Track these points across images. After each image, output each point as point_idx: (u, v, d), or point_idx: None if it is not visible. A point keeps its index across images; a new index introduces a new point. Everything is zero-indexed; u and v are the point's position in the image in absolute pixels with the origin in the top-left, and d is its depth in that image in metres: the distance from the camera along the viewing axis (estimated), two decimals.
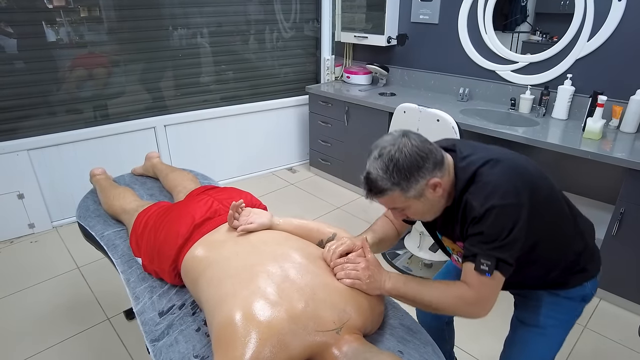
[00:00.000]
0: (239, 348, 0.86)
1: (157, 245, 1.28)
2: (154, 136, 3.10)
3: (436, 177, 0.95)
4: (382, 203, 1.00)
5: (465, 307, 0.96)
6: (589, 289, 1.14)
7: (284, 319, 0.91)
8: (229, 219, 1.24)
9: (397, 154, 0.93)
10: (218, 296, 1.00)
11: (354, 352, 0.90)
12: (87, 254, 2.55)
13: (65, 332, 1.98)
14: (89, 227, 1.63)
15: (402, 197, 0.96)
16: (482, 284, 0.95)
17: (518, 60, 2.70)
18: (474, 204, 0.94)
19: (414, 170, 0.93)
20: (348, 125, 3.22)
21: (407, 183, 0.93)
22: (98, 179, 1.83)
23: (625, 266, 2.07)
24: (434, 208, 1.01)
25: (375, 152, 0.96)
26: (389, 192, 0.95)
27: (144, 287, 1.27)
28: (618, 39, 2.28)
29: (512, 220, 0.92)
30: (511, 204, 0.92)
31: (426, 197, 0.97)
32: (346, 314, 0.97)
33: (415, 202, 0.97)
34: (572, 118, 2.52)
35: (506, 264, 0.94)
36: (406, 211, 1.01)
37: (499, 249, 0.93)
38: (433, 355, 1.02)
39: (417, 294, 1.01)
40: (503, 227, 0.92)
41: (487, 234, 0.93)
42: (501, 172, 0.96)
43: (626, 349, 1.91)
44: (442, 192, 0.98)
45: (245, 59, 3.39)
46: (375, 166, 0.95)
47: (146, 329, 1.11)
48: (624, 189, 1.96)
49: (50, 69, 2.61)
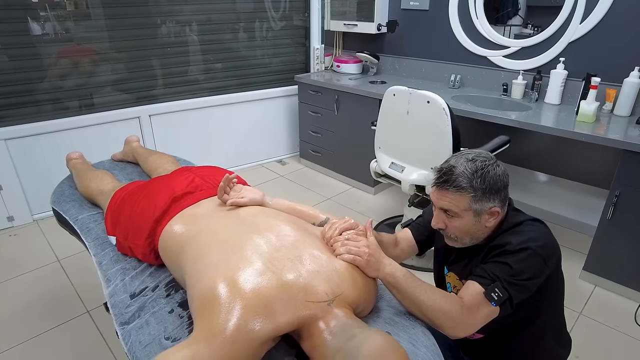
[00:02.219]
0: (221, 315, 0.80)
1: (133, 219, 1.22)
2: (138, 126, 3.01)
3: (499, 208, 0.99)
4: (443, 197, 1.00)
5: (451, 322, 0.94)
6: None
7: (274, 287, 0.85)
8: (219, 192, 1.17)
9: (490, 168, 0.97)
10: (201, 267, 0.94)
11: (342, 327, 0.85)
12: (68, 247, 2.46)
13: (42, 326, 1.89)
14: (63, 211, 1.55)
15: (466, 204, 0.97)
16: (480, 309, 0.94)
17: (510, 45, 2.65)
18: (512, 240, 0.97)
19: (493, 190, 0.97)
20: (338, 115, 3.15)
21: (482, 195, 0.97)
22: (74, 163, 1.75)
23: (620, 252, 2.02)
24: (475, 234, 1.03)
25: (469, 155, 1.00)
26: (463, 192, 0.97)
27: (117, 269, 1.19)
28: (611, 21, 2.23)
29: (536, 269, 0.95)
30: (542, 256, 0.95)
31: (480, 219, 0.99)
32: (339, 287, 0.92)
33: (468, 217, 0.99)
34: (565, 103, 2.47)
35: (511, 305, 0.95)
36: (452, 220, 1.01)
37: (516, 286, 0.94)
38: (423, 337, 0.95)
39: (413, 288, 0.99)
40: (528, 269, 0.94)
41: (513, 268, 0.94)
42: (545, 232, 1.01)
43: (622, 334, 1.86)
44: (493, 223, 1.01)
45: (233, 48, 3.31)
46: (465, 165, 0.98)
47: (116, 311, 1.04)
48: (619, 172, 1.92)
49: (31, 55, 2.52)
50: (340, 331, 0.84)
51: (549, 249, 0.97)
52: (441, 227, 1.04)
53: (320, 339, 0.84)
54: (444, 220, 1.03)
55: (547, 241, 0.98)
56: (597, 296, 2.10)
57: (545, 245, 0.96)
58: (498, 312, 0.94)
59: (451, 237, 1.05)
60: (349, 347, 0.79)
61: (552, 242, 0.99)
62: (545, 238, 0.98)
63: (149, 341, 0.94)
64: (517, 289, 0.93)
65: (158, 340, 0.94)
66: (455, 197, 0.98)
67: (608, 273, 2.11)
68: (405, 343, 0.90)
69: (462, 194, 0.97)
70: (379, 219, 2.80)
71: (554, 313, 1.10)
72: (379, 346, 0.77)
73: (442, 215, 1.03)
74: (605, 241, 2.05)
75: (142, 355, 0.92)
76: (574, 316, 1.96)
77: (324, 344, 0.83)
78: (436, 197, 1.02)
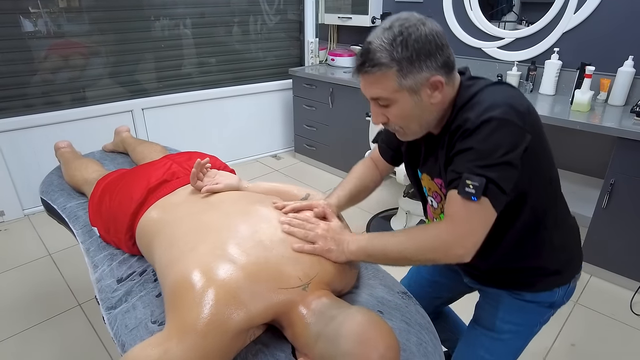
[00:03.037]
0: (191, 309, 0.76)
1: (112, 213, 1.18)
2: (131, 120, 2.97)
3: (441, 76, 0.80)
4: (368, 84, 0.83)
5: (444, 246, 0.80)
6: (559, 296, 0.98)
7: (241, 277, 0.81)
8: (192, 179, 1.12)
9: (411, 30, 0.78)
10: (170, 257, 0.90)
11: (321, 309, 0.81)
12: (59, 242, 2.43)
13: (34, 319, 1.86)
14: (51, 200, 1.52)
15: (394, 82, 0.80)
16: (465, 212, 0.78)
17: (504, 36, 2.64)
18: (470, 116, 0.78)
19: (422, 55, 0.78)
20: (333, 108, 3.13)
21: (408, 65, 0.78)
22: (63, 152, 1.72)
23: (615, 240, 2.01)
24: (422, 118, 0.85)
25: (386, 23, 0.81)
26: (384, 68, 0.79)
27: (104, 255, 1.17)
28: (604, 10, 2.22)
29: (512, 140, 0.76)
30: (513, 122, 0.76)
31: (420, 97, 0.81)
32: (313, 269, 0.87)
33: (405, 98, 0.81)
34: (559, 93, 2.46)
35: (498, 188, 0.76)
36: (390, 110, 0.84)
37: (490, 167, 0.75)
38: (417, 315, 0.94)
39: (385, 246, 0.87)
40: (499, 144, 0.76)
41: (478, 150, 0.76)
42: (510, 93, 0.81)
43: (618, 322, 1.85)
44: (439, 99, 0.83)
45: (227, 42, 3.28)
46: (381, 36, 0.79)
47: (102, 296, 1.02)
48: (614, 160, 1.91)
49: (22, 48, 2.48)
50: (319, 314, 0.80)
51: (519, 109, 0.78)
52: (383, 121, 0.88)
53: (301, 326, 0.81)
54: (382, 113, 0.86)
55: (514, 101, 0.79)
56: (592, 285, 2.09)
57: (513, 107, 0.77)
58: (489, 205, 0.77)
59: (399, 130, 0.89)
60: (330, 330, 0.76)
61: (521, 101, 0.81)
62: (511, 99, 0.79)
63: (135, 325, 0.92)
64: (498, 169, 0.76)
65: (145, 324, 0.92)
66: (379, 79, 0.80)
67: (603, 262, 2.10)
68: (398, 322, 0.88)
69: (384, 72, 0.79)
70: (375, 211, 2.78)
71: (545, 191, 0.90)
72: (359, 324, 0.73)
73: (377, 107, 0.86)
74: (601, 230, 2.04)
75: (128, 339, 0.90)
76: (570, 305, 1.95)
77: (305, 331, 0.80)
78: (363, 87, 0.85)
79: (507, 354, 1.04)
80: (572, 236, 0.99)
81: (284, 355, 0.83)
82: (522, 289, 0.98)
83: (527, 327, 1.02)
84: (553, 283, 0.97)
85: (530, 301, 0.98)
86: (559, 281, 0.97)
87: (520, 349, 1.05)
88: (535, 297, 0.98)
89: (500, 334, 1.02)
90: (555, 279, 0.97)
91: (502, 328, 1.01)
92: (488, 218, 0.79)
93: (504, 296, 1.00)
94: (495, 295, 1.02)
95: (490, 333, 1.03)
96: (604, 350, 1.71)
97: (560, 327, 1.82)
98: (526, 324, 1.01)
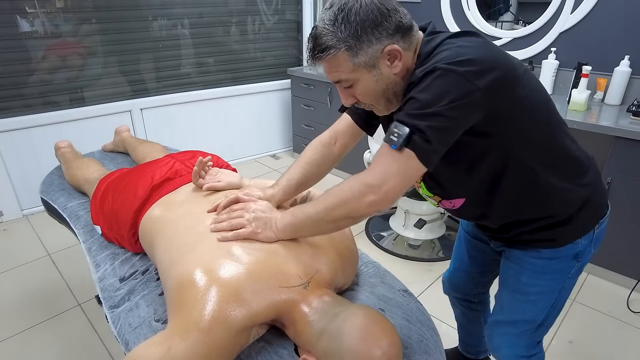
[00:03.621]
0: (194, 307, 0.77)
1: (115, 210, 1.19)
2: (130, 120, 2.97)
3: (396, 44, 0.76)
4: (326, 69, 0.81)
5: (359, 192, 0.76)
6: (582, 246, 0.92)
7: (242, 275, 0.82)
8: (194, 177, 1.13)
9: (350, 4, 0.73)
10: (172, 257, 0.91)
11: (323, 308, 0.82)
12: (59, 242, 2.43)
13: (33, 319, 1.86)
14: (52, 200, 1.52)
15: (348, 61, 0.76)
16: (384, 159, 0.74)
17: (502, 36, 2.66)
18: (416, 71, 0.74)
19: (368, 27, 0.74)
20: (331, 107, 3.14)
21: (356, 42, 0.74)
22: (63, 151, 1.72)
23: (613, 238, 2.02)
24: (388, 90, 0.81)
25: (328, 3, 0.77)
26: (332, 51, 0.75)
27: (106, 254, 1.17)
28: (601, 10, 2.24)
29: (458, 90, 0.70)
30: (460, 73, 0.69)
31: (380, 70, 0.78)
32: (312, 268, 0.89)
33: (366, 75, 0.78)
34: (557, 92, 2.48)
35: (423, 138, 0.71)
36: (355, 89, 0.81)
37: (420, 117, 0.71)
38: (417, 312, 0.95)
39: (308, 213, 0.84)
40: (444, 93, 0.70)
41: (414, 99, 0.72)
42: (473, 44, 0.74)
43: (615, 320, 1.87)
44: (400, 67, 0.78)
45: (225, 42, 3.29)
46: (323, 17, 0.76)
47: (105, 295, 1.02)
48: (610, 159, 1.93)
49: (20, 48, 2.48)
50: (322, 312, 0.81)
51: (475, 62, 0.71)
52: (352, 102, 0.86)
53: (303, 324, 0.82)
54: (350, 94, 0.84)
55: (472, 54, 0.71)
56: (590, 283, 2.11)
57: (467, 60, 0.70)
58: (412, 155, 0.72)
59: (372, 108, 0.87)
60: (333, 327, 0.77)
61: (484, 53, 0.73)
62: (470, 51, 0.72)
63: (138, 323, 0.93)
64: (429, 119, 0.70)
65: (148, 323, 0.93)
66: (332, 62, 0.78)
67: (601, 260, 2.12)
68: (399, 319, 0.89)
69: (335, 54, 0.76)
70: None
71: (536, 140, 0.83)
72: (362, 322, 0.75)
73: (343, 89, 0.84)
74: None
75: (132, 337, 0.91)
76: (567, 303, 1.97)
77: (307, 328, 0.81)
78: (325, 72, 0.83)
79: (540, 310, 1.01)
80: (582, 173, 0.90)
81: (287, 352, 0.84)
82: (542, 246, 0.93)
83: (555, 284, 0.98)
84: (572, 234, 0.91)
85: (551, 258, 0.94)
86: (579, 231, 0.91)
87: (554, 304, 1.00)
88: (556, 252, 0.93)
89: (527, 296, 0.99)
90: (572, 228, 0.90)
91: (527, 290, 0.99)
92: (409, 168, 0.74)
93: (526, 260, 0.97)
94: (517, 259, 0.99)
95: (518, 295, 1.00)
96: (601, 347, 1.73)
97: (558, 325, 1.84)
98: (551, 283, 0.98)
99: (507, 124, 0.78)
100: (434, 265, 2.23)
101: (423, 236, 2.38)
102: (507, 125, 0.78)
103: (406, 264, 2.24)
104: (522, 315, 1.03)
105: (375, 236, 2.50)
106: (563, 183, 0.87)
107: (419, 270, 2.19)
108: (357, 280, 1.03)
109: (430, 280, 2.11)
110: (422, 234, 2.37)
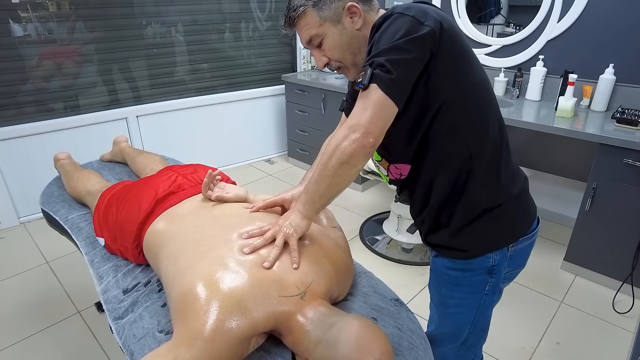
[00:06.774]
0: (198, 317, 0.81)
1: (119, 223, 1.23)
2: (126, 127, 3.00)
3: (357, 4, 0.90)
4: (299, 30, 0.94)
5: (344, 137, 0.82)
6: (495, 261, 0.96)
7: (246, 285, 0.87)
8: (204, 188, 1.19)
9: None
10: (176, 269, 0.95)
11: (320, 317, 0.86)
12: (56, 249, 2.45)
13: (33, 327, 1.89)
14: (53, 212, 1.55)
15: (315, 16, 0.90)
16: (358, 101, 0.82)
17: (492, 43, 2.72)
18: (377, 20, 0.86)
19: None
20: (325, 113, 3.19)
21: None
22: (62, 163, 1.75)
23: (598, 241, 2.10)
24: (353, 46, 0.93)
25: None
26: (301, 8, 0.90)
27: (109, 266, 1.21)
28: (586, 20, 2.31)
29: (409, 27, 0.79)
30: (411, 15, 0.81)
31: (343, 24, 0.91)
32: (308, 277, 0.93)
33: (331, 29, 0.91)
34: (545, 99, 2.55)
35: (383, 70, 0.78)
36: (325, 47, 0.93)
37: (380, 53, 0.80)
38: (408, 321, 1.00)
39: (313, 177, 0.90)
40: (397, 30, 0.80)
41: (376, 40, 0.82)
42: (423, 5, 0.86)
43: (601, 320, 1.94)
44: (361, 24, 0.91)
45: (220, 49, 3.32)
46: None
47: (109, 307, 1.06)
48: (596, 165, 1.99)
49: (13, 57, 2.50)
50: (318, 322, 0.85)
51: (426, 10, 0.83)
52: (325, 62, 0.96)
53: (300, 333, 0.86)
54: (322, 55, 0.95)
55: (424, 7, 0.85)
56: (577, 285, 2.17)
57: (419, 9, 0.82)
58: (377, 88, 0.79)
59: (341, 67, 0.96)
60: (329, 337, 0.81)
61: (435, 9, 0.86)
62: (423, 5, 0.85)
63: (142, 334, 0.97)
64: (389, 54, 0.79)
65: (152, 334, 0.97)
66: (303, 20, 0.92)
67: (587, 262, 2.19)
68: (391, 328, 0.94)
69: (304, 11, 0.91)
70: (367, 215, 2.84)
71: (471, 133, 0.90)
72: (356, 331, 0.80)
73: (315, 50, 0.95)
74: (585, 232, 2.13)
75: (137, 348, 0.95)
76: (555, 305, 2.03)
77: (304, 338, 0.85)
78: (300, 37, 0.95)
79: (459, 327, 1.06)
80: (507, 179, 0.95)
81: None
82: (456, 256, 0.98)
83: (471, 298, 1.01)
84: (484, 247, 0.95)
85: (464, 269, 0.98)
86: (491, 245, 0.95)
87: (469, 321, 1.04)
88: (469, 264, 0.97)
89: (446, 309, 1.06)
90: (485, 239, 0.95)
91: (446, 302, 1.05)
92: (378, 101, 0.80)
93: (443, 271, 1.02)
94: (437, 269, 1.04)
95: (439, 308, 1.08)
96: (587, 348, 1.79)
97: (546, 326, 1.90)
98: (468, 296, 1.01)
99: (447, 77, 0.85)
100: (425, 269, 2.29)
101: (415, 240, 2.43)
102: (447, 79, 0.85)
103: (399, 268, 2.30)
104: (444, 328, 1.09)
105: (369, 240, 2.56)
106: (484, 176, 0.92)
107: (412, 273, 2.25)
108: (351, 290, 1.08)
109: (422, 283, 2.16)
110: (414, 238, 2.42)
